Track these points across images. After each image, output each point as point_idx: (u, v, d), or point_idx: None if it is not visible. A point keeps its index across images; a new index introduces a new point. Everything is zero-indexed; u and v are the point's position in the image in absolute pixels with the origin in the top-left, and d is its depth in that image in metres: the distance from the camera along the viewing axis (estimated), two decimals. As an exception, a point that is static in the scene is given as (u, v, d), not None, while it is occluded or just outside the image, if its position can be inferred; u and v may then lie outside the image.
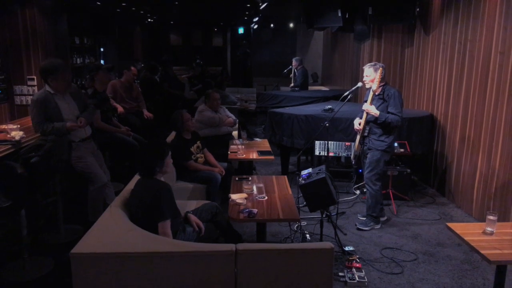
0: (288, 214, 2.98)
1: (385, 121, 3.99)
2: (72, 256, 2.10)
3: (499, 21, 4.10)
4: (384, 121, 3.99)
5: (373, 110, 4.03)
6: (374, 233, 4.18)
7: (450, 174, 5.06)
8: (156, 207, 2.69)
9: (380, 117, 4.00)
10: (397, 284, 3.26)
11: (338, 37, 9.74)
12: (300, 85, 8.95)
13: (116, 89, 5.77)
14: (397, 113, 3.97)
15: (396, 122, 3.99)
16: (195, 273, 2.18)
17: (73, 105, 3.90)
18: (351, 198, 5.14)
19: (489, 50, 4.27)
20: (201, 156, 4.55)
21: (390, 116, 3.98)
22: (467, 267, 3.53)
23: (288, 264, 2.21)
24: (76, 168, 3.89)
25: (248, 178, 3.78)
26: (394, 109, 3.98)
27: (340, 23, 6.14)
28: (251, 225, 4.14)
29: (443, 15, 5.25)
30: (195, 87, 10.67)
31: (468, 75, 4.67)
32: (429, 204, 4.98)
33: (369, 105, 4.05)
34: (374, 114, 4.02)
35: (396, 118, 3.98)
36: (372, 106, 4.05)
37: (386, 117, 3.98)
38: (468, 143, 4.67)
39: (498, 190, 4.11)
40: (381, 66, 4.04)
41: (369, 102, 4.06)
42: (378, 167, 4.14)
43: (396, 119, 3.98)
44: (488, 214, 2.65)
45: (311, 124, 5.35)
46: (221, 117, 5.59)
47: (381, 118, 4.00)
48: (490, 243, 2.50)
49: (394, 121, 3.98)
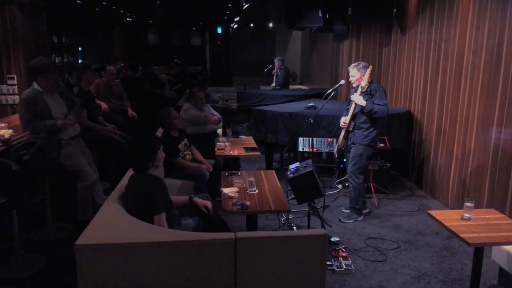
0: (279, 205, 3.11)
1: (371, 110, 4.14)
2: (76, 248, 2.16)
3: (471, 21, 4.35)
4: (370, 110, 4.14)
5: (360, 100, 4.18)
6: (357, 224, 4.36)
7: (427, 167, 5.31)
8: (151, 200, 2.75)
9: (367, 106, 4.13)
10: (382, 271, 3.44)
11: (316, 37, 9.94)
12: (282, 85, 9.12)
13: (99, 88, 5.77)
14: (382, 105, 4.14)
15: (382, 112, 4.13)
16: (196, 262, 2.27)
17: (62, 103, 3.91)
18: (334, 192, 5.32)
19: (462, 49, 4.52)
20: (188, 153, 4.62)
21: (377, 106, 4.13)
22: (446, 253, 3.75)
23: (285, 251, 2.33)
24: (65, 166, 3.90)
25: (238, 173, 3.89)
26: (380, 101, 4.15)
27: (320, 23, 6.32)
28: (240, 219, 4.26)
29: (419, 15, 5.49)
30: (174, 86, 10.69)
31: (443, 73, 4.91)
32: (408, 197, 5.21)
33: (357, 96, 4.20)
34: (361, 103, 4.18)
35: (382, 108, 4.13)
36: (360, 96, 4.21)
37: (372, 107, 4.13)
38: (444, 137, 4.92)
39: (472, 181, 4.36)
40: (366, 65, 4.23)
41: (358, 94, 4.22)
42: (361, 161, 4.32)
43: (382, 109, 4.13)
44: (465, 201, 2.85)
45: (295, 121, 5.50)
46: (206, 115, 5.66)
47: (367, 107, 4.13)
48: (468, 228, 2.70)
49: (381, 111, 4.12)
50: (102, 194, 4.30)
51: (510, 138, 3.78)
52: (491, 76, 4.03)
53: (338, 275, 3.34)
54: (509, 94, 3.79)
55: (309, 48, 11.20)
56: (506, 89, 3.83)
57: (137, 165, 2.94)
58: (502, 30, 3.87)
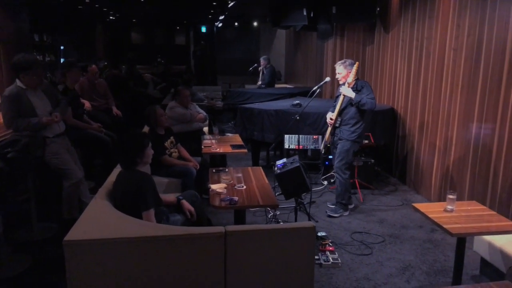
0: (267, 200, 3.14)
1: (360, 102, 4.19)
2: (65, 244, 2.15)
3: (452, 20, 4.46)
4: (359, 101, 4.19)
5: (349, 92, 4.23)
6: (343, 219, 4.43)
7: (411, 163, 5.42)
8: (139, 197, 2.75)
9: (356, 98, 4.19)
10: (368, 264, 3.50)
11: (301, 36, 10.01)
12: (268, 83, 9.16)
13: (83, 87, 5.72)
14: (371, 98, 4.20)
15: (371, 104, 4.18)
16: (186, 256, 2.29)
17: (46, 100, 3.85)
18: (320, 188, 5.39)
19: (443, 46, 4.63)
20: (175, 151, 4.62)
21: (365, 98, 4.18)
22: (429, 245, 3.84)
23: (275, 243, 2.36)
24: (50, 164, 3.85)
25: (225, 170, 3.90)
26: (368, 95, 4.21)
27: (305, 21, 6.38)
28: (227, 216, 4.27)
29: (401, 14, 5.60)
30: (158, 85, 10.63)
31: (425, 70, 5.02)
32: (392, 192, 5.31)
33: (346, 87, 4.25)
34: (350, 95, 4.24)
35: (370, 101, 4.18)
36: (349, 89, 4.26)
37: (361, 98, 4.18)
38: (426, 133, 5.03)
39: (454, 175, 4.48)
40: (352, 62, 4.29)
41: (346, 86, 4.27)
42: (347, 157, 4.38)
43: (371, 102, 4.18)
44: (448, 194, 2.93)
45: (281, 119, 5.54)
46: (192, 113, 5.66)
47: (356, 98, 4.19)
48: (450, 219, 2.78)
49: (369, 103, 4.17)
50: (88, 193, 4.26)
51: (490, 132, 3.90)
52: (471, 73, 4.15)
53: (325, 269, 3.39)
54: (488, 90, 3.91)
55: (293, 47, 11.27)
56: (485, 85, 3.94)
57: (126, 162, 2.94)
58: (482, 28, 3.98)
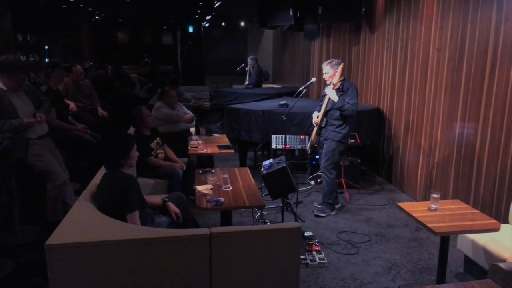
0: (253, 201, 3.13)
1: (342, 107, 4.25)
2: (47, 248, 2.11)
3: (436, 21, 4.52)
4: (341, 107, 4.25)
5: (333, 94, 4.27)
6: (330, 219, 4.45)
7: (396, 163, 5.47)
8: (124, 199, 2.72)
9: (338, 102, 4.25)
10: (354, 263, 3.53)
11: (288, 36, 10.04)
12: (255, 83, 9.15)
13: (67, 87, 5.64)
14: (353, 104, 4.25)
15: (351, 111, 4.24)
16: (170, 259, 2.27)
17: (28, 102, 3.79)
18: (307, 188, 5.40)
19: (427, 47, 4.68)
20: (161, 152, 4.59)
21: (347, 104, 4.24)
22: (414, 244, 3.88)
23: (260, 245, 2.36)
24: (34, 166, 3.78)
25: (212, 171, 3.89)
26: (351, 100, 4.26)
27: (291, 22, 6.39)
28: (214, 217, 4.26)
29: (386, 15, 5.65)
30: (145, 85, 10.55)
31: (410, 71, 5.08)
32: (378, 191, 5.36)
33: (331, 89, 4.29)
34: (334, 98, 4.27)
35: (351, 107, 4.24)
36: (334, 91, 4.30)
37: (343, 104, 4.24)
38: (412, 133, 5.09)
39: (439, 174, 4.53)
40: (338, 62, 4.31)
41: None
42: (333, 156, 4.41)
43: (351, 108, 4.24)
44: (432, 193, 2.97)
45: (268, 119, 5.55)
46: (178, 113, 5.62)
47: (338, 103, 4.25)
48: (434, 218, 2.81)
49: (350, 110, 4.24)
50: (72, 195, 4.20)
51: (473, 132, 3.96)
52: (455, 73, 4.20)
53: (311, 269, 3.41)
54: (471, 90, 3.97)
55: (280, 47, 11.29)
56: (468, 85, 4.00)
57: (111, 163, 2.91)
58: (464, 29, 4.04)
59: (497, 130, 3.65)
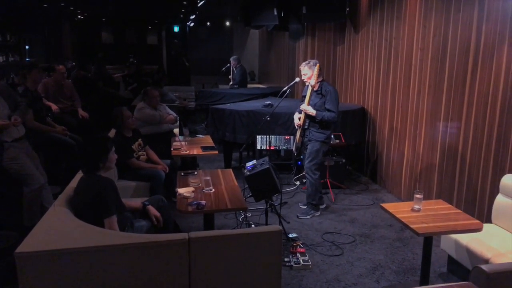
0: (235, 203, 3.08)
1: (322, 119, 4.23)
2: (16, 256, 2.02)
3: (419, 20, 4.52)
4: (321, 119, 4.23)
5: (310, 110, 4.24)
6: (315, 219, 4.42)
7: (381, 162, 5.47)
8: (101, 203, 2.64)
9: (317, 116, 4.22)
10: (338, 265, 3.49)
11: (273, 35, 10.00)
12: (239, 83, 9.09)
13: (47, 88, 5.51)
14: (333, 110, 4.22)
15: (332, 119, 4.23)
16: (148, 264, 2.20)
17: (3, 104, 3.68)
18: (292, 188, 5.37)
19: (411, 46, 4.69)
20: (143, 153, 4.50)
21: (326, 114, 4.21)
22: (399, 244, 3.87)
23: (240, 249, 2.30)
24: (9, 169, 3.67)
25: (194, 173, 3.82)
26: (330, 106, 4.23)
27: (276, 21, 6.34)
28: (197, 220, 4.20)
29: (370, 14, 5.64)
30: (130, 86, 10.39)
31: (394, 70, 5.08)
32: (363, 191, 5.34)
33: (306, 105, 4.26)
34: (311, 113, 4.24)
35: (332, 115, 4.22)
36: (309, 106, 4.26)
37: (322, 116, 4.21)
38: (396, 132, 5.09)
39: (423, 173, 4.54)
40: (316, 63, 4.27)
41: (306, 102, 4.27)
42: (317, 157, 4.37)
43: (332, 116, 4.22)
44: (415, 193, 2.95)
45: (252, 119, 5.49)
46: (161, 114, 5.53)
47: (318, 117, 4.23)
48: (417, 219, 2.80)
49: (331, 118, 4.23)
50: (51, 199, 4.09)
51: (456, 131, 3.96)
52: (437, 72, 4.21)
53: (295, 271, 3.36)
54: (453, 89, 3.97)
55: (266, 47, 11.25)
56: (451, 84, 4.01)
57: (87, 166, 2.83)
58: (446, 28, 4.05)
59: (479, 128, 3.66)
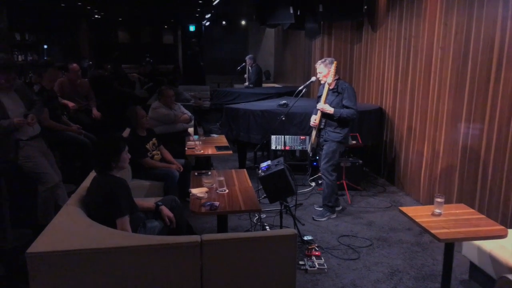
0: (249, 205, 3.01)
1: (340, 116, 4.13)
2: (28, 256, 2.00)
3: (439, 18, 4.38)
4: (339, 116, 4.13)
5: (327, 108, 4.16)
6: (330, 222, 4.32)
7: (399, 163, 5.33)
8: (113, 203, 2.61)
9: (335, 113, 4.13)
10: (355, 269, 3.40)
11: (289, 34, 9.91)
12: (254, 83, 9.03)
13: (63, 87, 5.54)
14: (351, 106, 4.12)
15: (351, 115, 4.14)
16: (159, 267, 2.15)
17: (19, 102, 3.69)
18: (307, 190, 5.28)
19: (431, 45, 4.55)
20: (157, 153, 4.47)
21: (345, 111, 4.12)
22: (417, 249, 3.75)
23: (253, 252, 2.24)
24: (24, 168, 3.68)
25: (208, 173, 3.77)
26: (348, 102, 4.13)
27: (292, 20, 6.26)
28: (211, 220, 4.15)
29: (388, 12, 5.51)
30: (145, 85, 10.45)
31: (413, 70, 4.94)
32: (381, 193, 5.22)
33: (323, 104, 4.18)
34: (329, 111, 4.15)
35: (351, 111, 4.13)
36: (326, 104, 4.17)
37: (340, 113, 4.12)
38: (415, 133, 4.95)
39: (443, 176, 4.40)
40: (332, 60, 4.18)
41: (323, 101, 4.19)
42: (334, 158, 4.28)
43: (351, 113, 4.13)
44: (436, 197, 2.84)
45: (267, 119, 5.42)
46: (176, 113, 5.51)
47: (336, 114, 4.13)
48: (438, 223, 2.69)
49: (350, 115, 4.13)
50: (66, 197, 4.08)
51: (478, 133, 3.82)
52: (459, 72, 4.07)
53: (310, 275, 3.28)
54: (476, 90, 3.83)
55: (282, 46, 11.17)
56: (473, 84, 3.86)
57: (100, 166, 2.80)
58: (469, 26, 3.90)
59: (503, 131, 3.51)
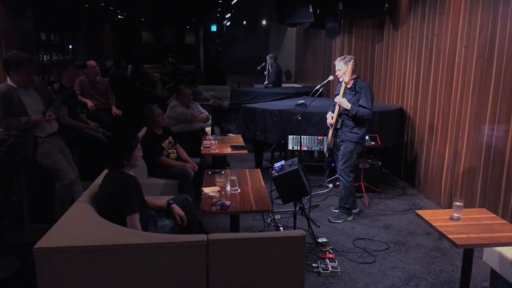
0: (261, 205, 2.97)
1: (356, 114, 4.05)
2: (36, 251, 2.02)
3: (463, 16, 4.22)
4: (355, 114, 4.05)
5: (345, 103, 4.09)
6: (346, 224, 4.23)
7: (419, 166, 5.18)
8: (123, 200, 2.61)
9: (352, 110, 4.06)
10: (369, 273, 3.30)
11: (310, 34, 9.81)
12: (274, 82, 8.98)
13: (83, 85, 5.63)
14: (367, 107, 4.04)
15: (366, 115, 4.07)
16: (166, 265, 2.13)
17: (38, 99, 3.76)
18: (324, 191, 5.19)
19: (454, 44, 4.39)
20: (173, 151, 4.49)
21: (361, 110, 4.04)
22: (436, 254, 3.61)
23: (260, 253, 2.19)
24: (42, 164, 3.74)
25: (221, 172, 3.75)
26: (365, 103, 4.05)
27: (311, 18, 6.17)
28: (224, 220, 4.12)
29: (411, 10, 5.36)
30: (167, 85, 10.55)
31: (435, 69, 4.79)
32: (400, 196, 5.08)
33: (341, 97, 4.11)
34: (346, 106, 4.08)
35: (366, 111, 4.05)
36: (344, 99, 4.11)
37: (357, 110, 4.04)
38: (436, 135, 4.79)
39: (465, 179, 4.23)
40: (351, 58, 4.10)
41: (341, 95, 4.12)
42: (351, 158, 4.19)
43: (366, 113, 4.05)
44: (454, 200, 2.72)
45: (284, 119, 5.36)
46: (193, 112, 5.53)
47: (352, 111, 4.06)
48: (457, 228, 2.57)
49: (365, 115, 4.06)
50: (82, 193, 4.14)
51: (503, 135, 3.65)
52: (483, 72, 3.91)
53: (323, 278, 3.21)
54: (501, 90, 3.67)
55: (303, 46, 11.07)
56: (498, 84, 3.70)
57: (112, 163, 2.81)
58: (494, 24, 3.75)
59: (529, 133, 3.35)
